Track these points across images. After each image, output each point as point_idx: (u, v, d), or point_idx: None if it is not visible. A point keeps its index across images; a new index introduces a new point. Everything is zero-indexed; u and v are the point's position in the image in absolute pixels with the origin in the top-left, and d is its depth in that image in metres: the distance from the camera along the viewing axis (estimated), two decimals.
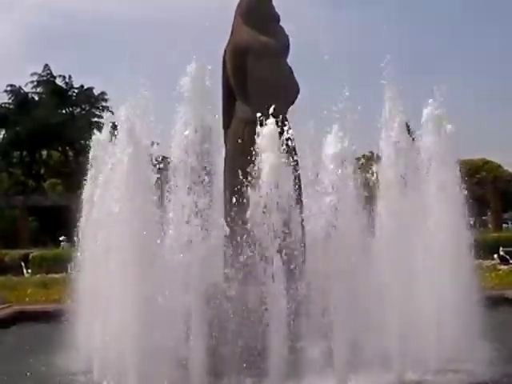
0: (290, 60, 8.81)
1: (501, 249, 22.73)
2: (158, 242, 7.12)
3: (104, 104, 52.25)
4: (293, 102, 8.59)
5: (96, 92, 52.50)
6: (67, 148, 50.13)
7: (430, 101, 8.25)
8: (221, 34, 9.16)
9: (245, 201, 7.06)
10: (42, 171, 52.33)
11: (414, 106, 8.01)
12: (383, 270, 7.30)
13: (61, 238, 29.83)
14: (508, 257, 22.07)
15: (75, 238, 8.67)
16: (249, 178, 7.07)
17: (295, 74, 8.79)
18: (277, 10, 8.97)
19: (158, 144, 8.45)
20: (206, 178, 7.23)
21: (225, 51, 8.87)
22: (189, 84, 7.43)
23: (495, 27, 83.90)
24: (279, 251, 6.80)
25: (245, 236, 6.95)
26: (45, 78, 51.66)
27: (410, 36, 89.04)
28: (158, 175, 7.20)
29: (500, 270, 17.95)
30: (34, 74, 51.31)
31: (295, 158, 7.64)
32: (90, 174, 8.76)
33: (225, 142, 8.83)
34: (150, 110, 7.46)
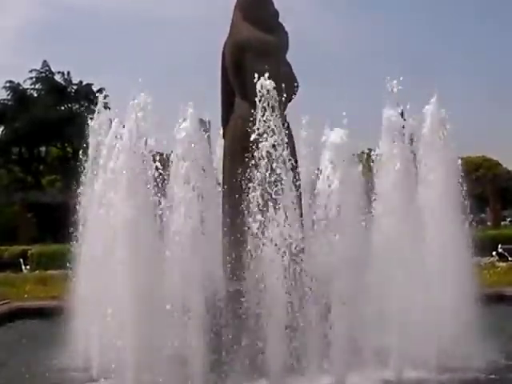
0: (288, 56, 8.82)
1: (499, 246, 22.76)
2: (158, 239, 7.11)
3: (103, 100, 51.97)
4: (292, 99, 8.57)
5: (95, 88, 52.35)
6: (66, 144, 49.97)
7: (430, 99, 8.25)
8: (220, 29, 9.14)
9: (243, 196, 7.06)
10: (41, 168, 52.22)
11: (413, 103, 8.00)
12: (381, 267, 7.29)
13: None
14: (506, 254, 22.10)
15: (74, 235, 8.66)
16: (247, 174, 7.07)
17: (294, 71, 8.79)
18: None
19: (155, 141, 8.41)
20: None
21: (224, 47, 8.85)
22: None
23: (495, 26, 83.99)
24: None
25: (243, 227, 6.94)
26: (43, 75, 51.51)
27: (409, 36, 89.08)
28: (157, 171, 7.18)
29: (498, 267, 17.94)
30: (33, 70, 51.22)
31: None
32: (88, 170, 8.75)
33: (224, 138, 8.83)
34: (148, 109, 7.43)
